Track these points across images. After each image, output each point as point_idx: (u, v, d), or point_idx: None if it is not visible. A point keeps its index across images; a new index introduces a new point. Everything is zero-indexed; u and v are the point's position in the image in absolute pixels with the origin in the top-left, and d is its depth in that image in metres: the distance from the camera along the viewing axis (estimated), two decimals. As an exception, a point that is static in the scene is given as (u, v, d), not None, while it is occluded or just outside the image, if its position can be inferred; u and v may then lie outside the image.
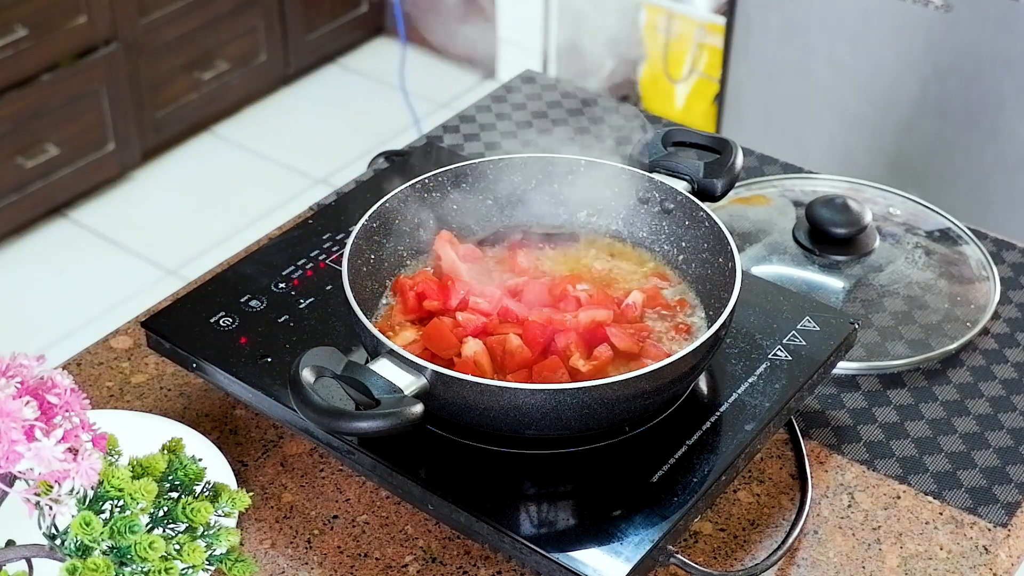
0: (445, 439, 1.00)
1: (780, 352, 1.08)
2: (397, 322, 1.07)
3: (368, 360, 1.02)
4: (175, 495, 0.82)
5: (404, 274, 1.12)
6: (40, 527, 0.78)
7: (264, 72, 3.31)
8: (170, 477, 0.82)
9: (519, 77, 1.64)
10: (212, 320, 1.11)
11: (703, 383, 1.06)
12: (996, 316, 1.25)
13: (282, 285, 1.15)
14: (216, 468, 1.03)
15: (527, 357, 1.01)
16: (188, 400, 1.14)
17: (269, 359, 1.07)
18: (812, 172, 1.46)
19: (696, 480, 0.97)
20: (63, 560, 0.76)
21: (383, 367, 0.93)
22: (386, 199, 1.12)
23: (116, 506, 0.78)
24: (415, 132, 3.28)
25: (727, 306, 1.00)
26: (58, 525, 0.77)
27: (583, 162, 1.17)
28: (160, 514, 0.80)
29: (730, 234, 1.07)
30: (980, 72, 2.36)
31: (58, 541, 0.77)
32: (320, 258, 1.19)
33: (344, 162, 3.19)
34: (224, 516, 0.84)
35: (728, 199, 1.38)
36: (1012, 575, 1.02)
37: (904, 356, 1.19)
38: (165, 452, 0.83)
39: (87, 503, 0.77)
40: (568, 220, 1.19)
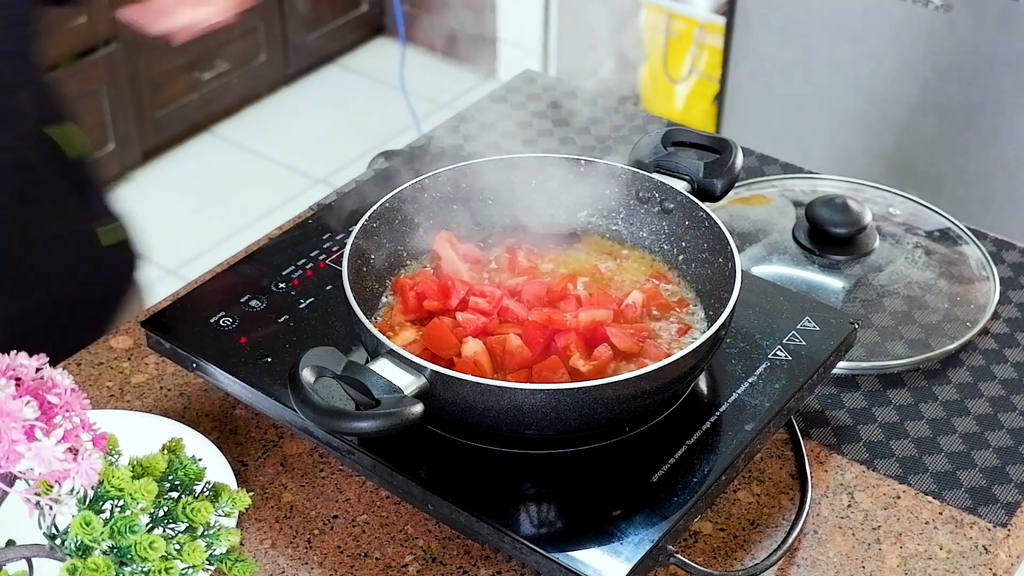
0: (445, 439, 1.00)
1: (780, 352, 1.08)
2: (397, 322, 1.07)
3: (368, 360, 1.02)
4: (175, 495, 0.82)
5: (404, 274, 1.12)
6: (40, 527, 0.77)
7: (264, 72, 3.32)
8: (170, 477, 0.82)
9: (519, 77, 1.64)
10: (212, 320, 1.11)
11: (703, 383, 1.06)
12: (996, 316, 1.25)
13: (282, 285, 1.15)
14: (216, 468, 1.03)
15: (527, 357, 1.01)
16: (188, 400, 1.14)
17: (269, 359, 1.07)
18: (812, 172, 1.46)
19: (696, 480, 0.97)
20: (63, 560, 0.76)
21: (383, 367, 0.93)
22: (386, 199, 1.12)
23: (116, 506, 0.77)
24: (415, 132, 3.28)
25: (727, 306, 1.00)
26: (58, 525, 0.77)
27: (583, 162, 1.17)
28: (160, 514, 0.80)
29: (730, 234, 1.07)
30: (980, 72, 2.36)
31: (58, 541, 0.77)
32: (320, 258, 1.19)
33: (344, 162, 3.19)
34: (224, 516, 0.84)
35: (728, 199, 1.38)
36: (1012, 575, 1.02)
37: (904, 356, 1.19)
38: (165, 452, 0.83)
39: (87, 503, 0.77)
40: (568, 220, 1.19)
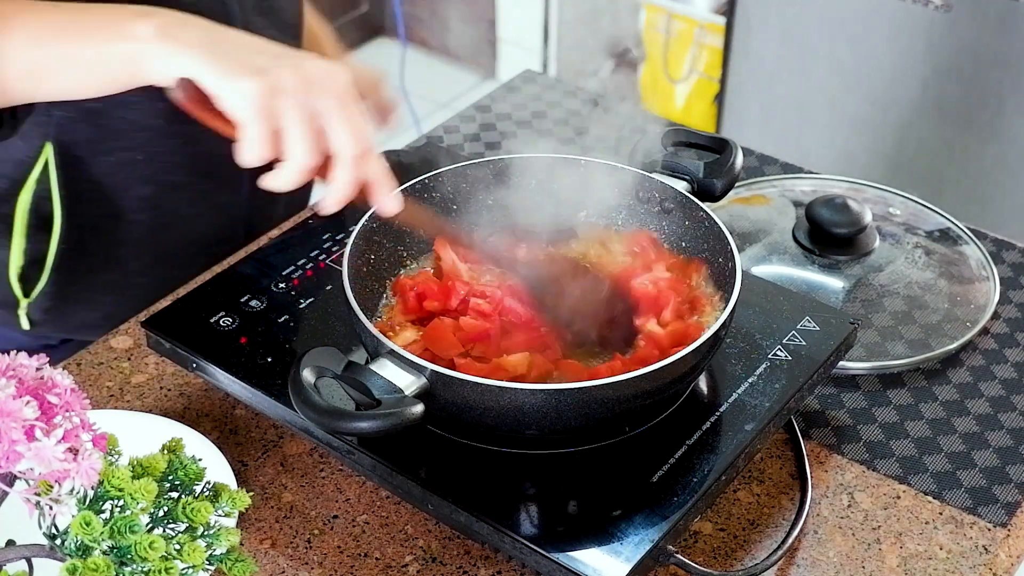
0: (445, 439, 1.00)
1: (780, 352, 1.08)
2: (397, 322, 1.07)
3: (368, 360, 1.02)
4: (175, 495, 0.82)
5: (404, 274, 1.13)
6: (40, 527, 0.77)
7: (264, 72, 3.31)
8: (170, 477, 0.82)
9: (519, 77, 1.64)
10: (212, 320, 1.11)
11: (703, 383, 1.06)
12: (996, 316, 1.25)
13: (282, 285, 1.15)
14: (216, 468, 1.03)
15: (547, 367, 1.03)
16: (188, 400, 1.14)
17: (269, 359, 1.07)
18: (812, 172, 1.46)
19: (696, 480, 0.97)
20: (63, 560, 0.76)
21: (383, 367, 0.93)
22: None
23: (116, 506, 0.77)
24: (415, 132, 3.27)
25: (727, 306, 1.00)
26: (58, 525, 0.77)
27: (582, 162, 1.17)
28: (160, 514, 0.80)
29: (730, 234, 1.07)
30: (980, 72, 2.36)
31: (58, 541, 0.77)
32: (320, 258, 1.19)
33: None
34: (224, 516, 0.84)
35: (728, 199, 1.38)
36: (1012, 575, 1.02)
37: (904, 356, 1.19)
38: (165, 452, 0.83)
39: (87, 503, 0.77)
40: (567, 220, 1.19)
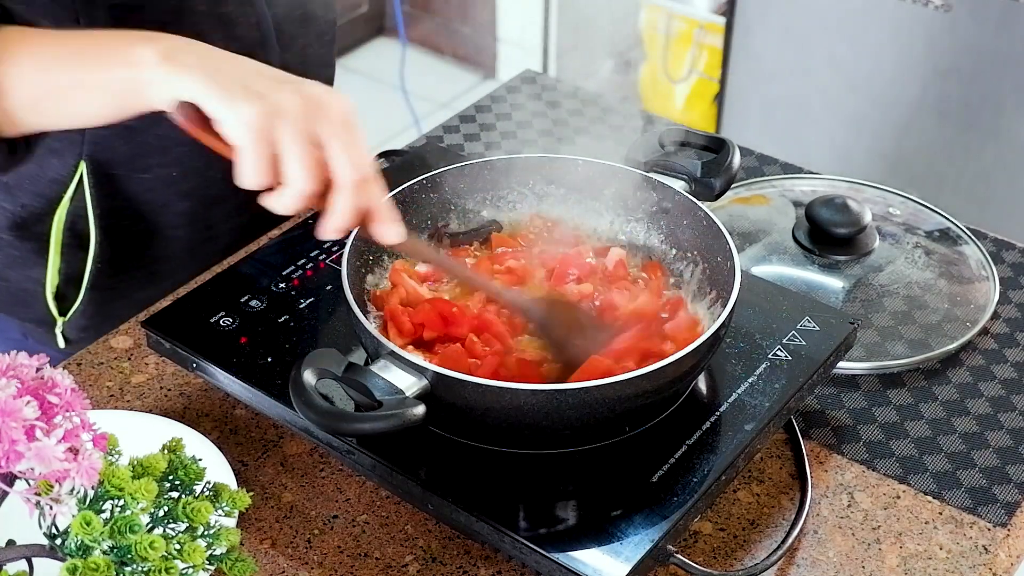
0: (445, 439, 1.00)
1: (780, 352, 1.08)
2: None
3: (368, 360, 1.02)
4: (175, 495, 0.82)
5: (378, 290, 1.10)
6: (40, 527, 0.78)
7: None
8: (170, 477, 0.82)
9: (519, 77, 1.64)
10: (212, 320, 1.11)
11: (703, 383, 1.06)
12: (996, 316, 1.25)
13: (282, 285, 1.15)
14: (216, 468, 1.03)
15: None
16: (188, 400, 1.14)
17: (269, 359, 1.07)
18: (812, 172, 1.46)
19: (696, 480, 0.97)
20: (63, 560, 0.76)
21: (384, 368, 0.93)
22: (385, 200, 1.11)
23: (116, 506, 0.77)
24: (415, 132, 3.28)
25: (727, 305, 1.00)
26: (58, 525, 0.77)
27: (580, 162, 1.17)
28: (160, 514, 0.80)
29: (729, 233, 1.07)
30: (980, 72, 2.36)
31: (58, 541, 0.77)
32: (320, 258, 1.19)
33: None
34: (224, 516, 0.84)
35: (728, 199, 1.38)
36: (1012, 575, 1.02)
37: (904, 356, 1.19)
38: (165, 452, 0.83)
39: (87, 503, 0.77)
40: (566, 220, 1.19)
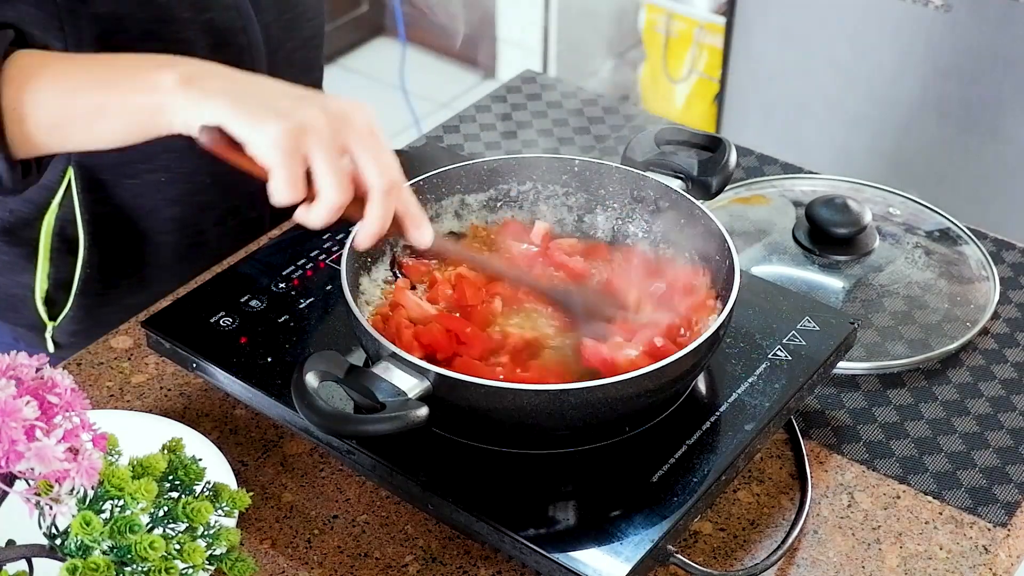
0: (445, 439, 1.00)
1: (780, 352, 1.08)
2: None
3: (368, 361, 1.02)
4: (175, 495, 0.82)
5: (379, 308, 1.08)
6: (40, 527, 0.78)
7: (264, 72, 3.31)
8: (170, 477, 0.82)
9: (519, 77, 1.64)
10: (212, 320, 1.11)
11: (703, 383, 1.06)
12: (996, 316, 1.25)
13: (282, 285, 1.15)
14: (216, 468, 1.03)
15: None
16: (188, 400, 1.14)
17: (269, 359, 1.07)
18: (812, 172, 1.46)
19: (696, 480, 0.97)
20: (63, 560, 0.76)
21: (385, 370, 0.93)
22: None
23: (116, 506, 0.78)
24: (415, 132, 3.27)
25: (727, 304, 1.00)
26: (58, 525, 0.77)
27: (577, 162, 1.16)
28: (160, 514, 0.80)
29: (727, 232, 1.07)
30: (980, 72, 2.36)
31: (58, 541, 0.77)
32: (320, 258, 1.19)
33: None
34: (224, 516, 0.84)
35: (728, 199, 1.39)
36: (1012, 575, 1.02)
37: (904, 356, 1.19)
38: (165, 452, 0.83)
39: (87, 503, 0.77)
40: (565, 220, 1.19)
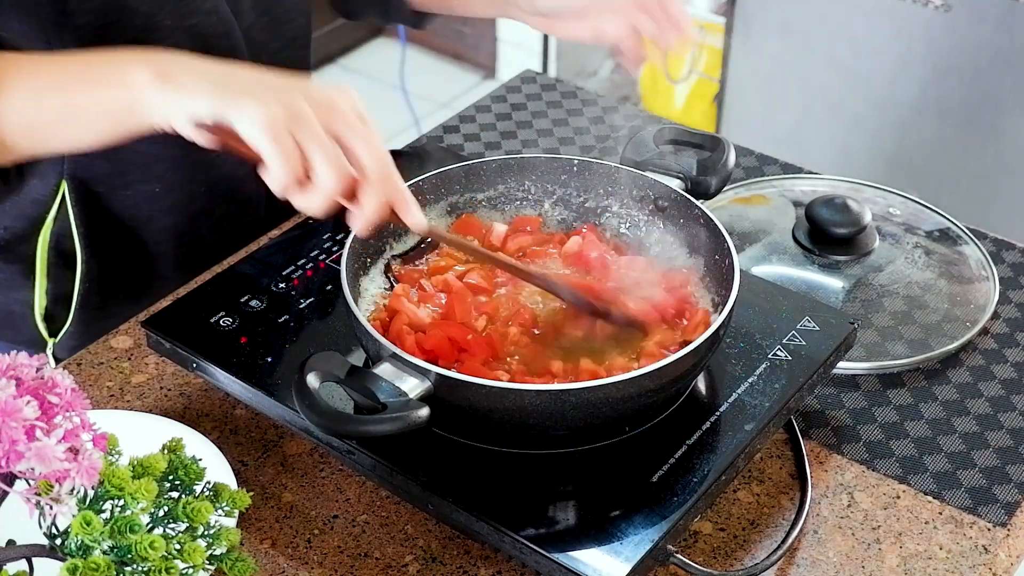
0: (445, 439, 1.00)
1: (780, 352, 1.08)
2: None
3: (368, 362, 1.02)
4: (175, 495, 0.82)
5: (377, 313, 1.08)
6: (40, 527, 0.78)
7: (264, 72, 3.31)
8: (170, 477, 0.83)
9: (519, 77, 1.64)
10: (212, 320, 1.11)
11: (703, 383, 1.06)
12: (996, 316, 1.25)
13: (282, 285, 1.15)
14: (216, 468, 1.03)
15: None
16: (188, 400, 1.14)
17: (269, 359, 1.07)
18: (812, 172, 1.46)
19: (696, 480, 0.97)
20: (63, 560, 0.76)
21: (387, 371, 0.93)
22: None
23: (116, 506, 0.78)
24: (415, 132, 3.27)
25: (727, 303, 1.00)
26: (58, 525, 0.77)
27: (576, 162, 1.16)
28: (160, 514, 0.80)
29: (727, 231, 1.07)
30: (980, 72, 2.36)
31: (58, 541, 0.77)
32: (320, 258, 1.19)
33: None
34: (224, 516, 0.84)
35: (728, 199, 1.39)
36: (1012, 575, 1.02)
37: (904, 356, 1.19)
38: (165, 452, 0.83)
39: (87, 503, 0.77)
40: (564, 219, 1.19)
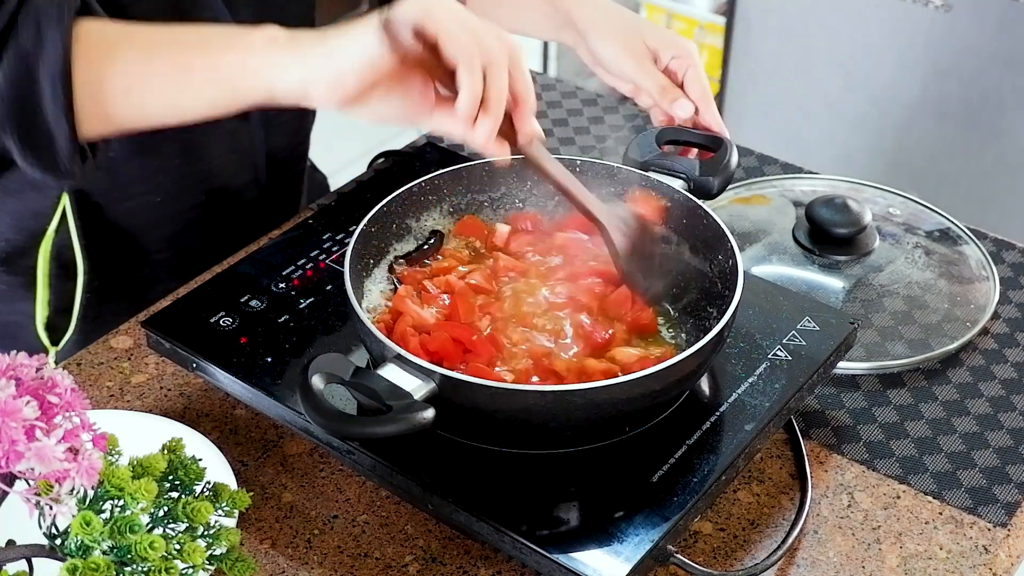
0: (446, 439, 1.00)
1: (780, 352, 1.08)
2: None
3: (371, 362, 1.02)
4: (175, 495, 0.82)
5: (380, 314, 1.07)
6: (40, 527, 0.78)
7: (264, 72, 3.31)
8: (170, 477, 0.82)
9: (519, 77, 1.64)
10: (212, 320, 1.11)
11: (703, 383, 1.06)
12: (996, 316, 1.25)
13: (282, 285, 1.15)
14: (216, 468, 1.03)
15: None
16: (188, 400, 1.14)
17: (269, 359, 1.07)
18: (812, 172, 1.46)
19: (696, 480, 0.97)
20: (63, 560, 0.76)
21: (391, 372, 0.93)
22: (386, 201, 1.11)
23: (116, 506, 0.78)
24: (415, 132, 3.27)
25: (731, 304, 1.00)
26: (58, 525, 0.77)
27: (578, 163, 1.16)
28: (160, 514, 0.80)
29: (730, 232, 1.07)
30: (980, 72, 2.36)
31: (58, 541, 0.77)
32: (320, 258, 1.19)
33: (344, 162, 3.19)
34: (224, 516, 0.84)
35: (728, 199, 1.38)
36: (1012, 575, 1.02)
37: (904, 356, 1.19)
38: (165, 452, 0.83)
39: (87, 503, 0.77)
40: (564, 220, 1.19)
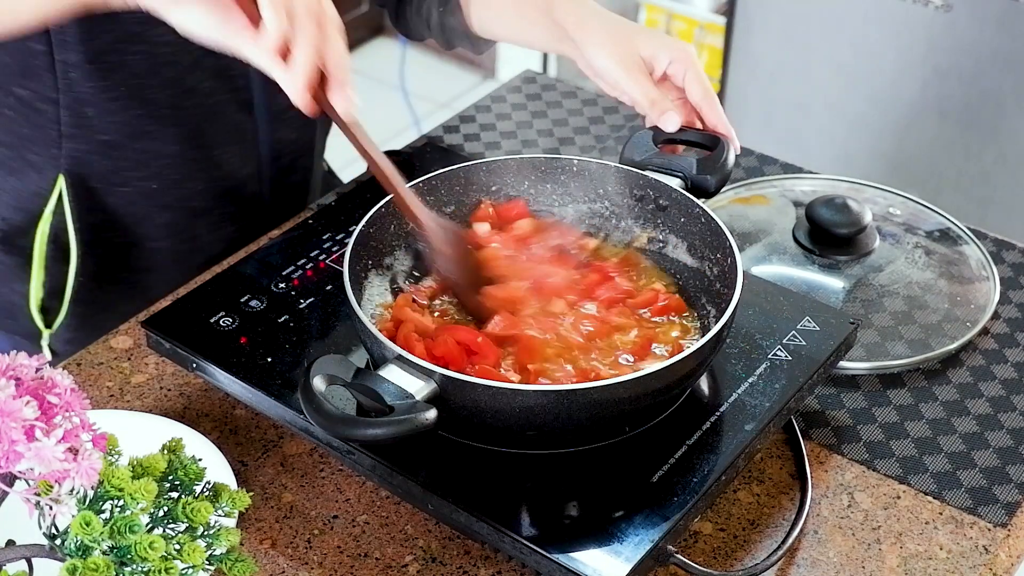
0: (446, 439, 1.00)
1: (780, 352, 1.08)
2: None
3: (371, 363, 1.02)
4: (175, 495, 0.82)
5: (382, 320, 1.07)
6: (40, 527, 0.78)
7: (264, 72, 3.31)
8: (170, 477, 0.82)
9: (519, 77, 1.64)
10: (212, 320, 1.11)
11: (703, 383, 1.06)
12: (996, 316, 1.25)
13: (282, 285, 1.15)
14: (216, 468, 1.03)
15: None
16: (188, 400, 1.14)
17: (269, 359, 1.07)
18: (812, 172, 1.46)
19: (696, 480, 0.97)
20: (63, 560, 0.76)
21: (392, 373, 0.93)
22: (386, 201, 1.11)
23: (116, 506, 0.77)
24: (415, 132, 3.27)
25: (730, 303, 1.00)
26: (58, 525, 0.77)
27: (576, 162, 1.16)
28: (160, 514, 0.80)
29: (729, 231, 1.07)
30: (980, 72, 2.36)
31: (58, 541, 0.77)
32: (320, 258, 1.19)
33: (344, 162, 3.19)
34: (224, 516, 0.84)
35: (728, 199, 1.38)
36: (1012, 575, 1.02)
37: (904, 356, 1.19)
38: (165, 452, 0.83)
39: (87, 503, 0.77)
40: (566, 219, 1.19)
